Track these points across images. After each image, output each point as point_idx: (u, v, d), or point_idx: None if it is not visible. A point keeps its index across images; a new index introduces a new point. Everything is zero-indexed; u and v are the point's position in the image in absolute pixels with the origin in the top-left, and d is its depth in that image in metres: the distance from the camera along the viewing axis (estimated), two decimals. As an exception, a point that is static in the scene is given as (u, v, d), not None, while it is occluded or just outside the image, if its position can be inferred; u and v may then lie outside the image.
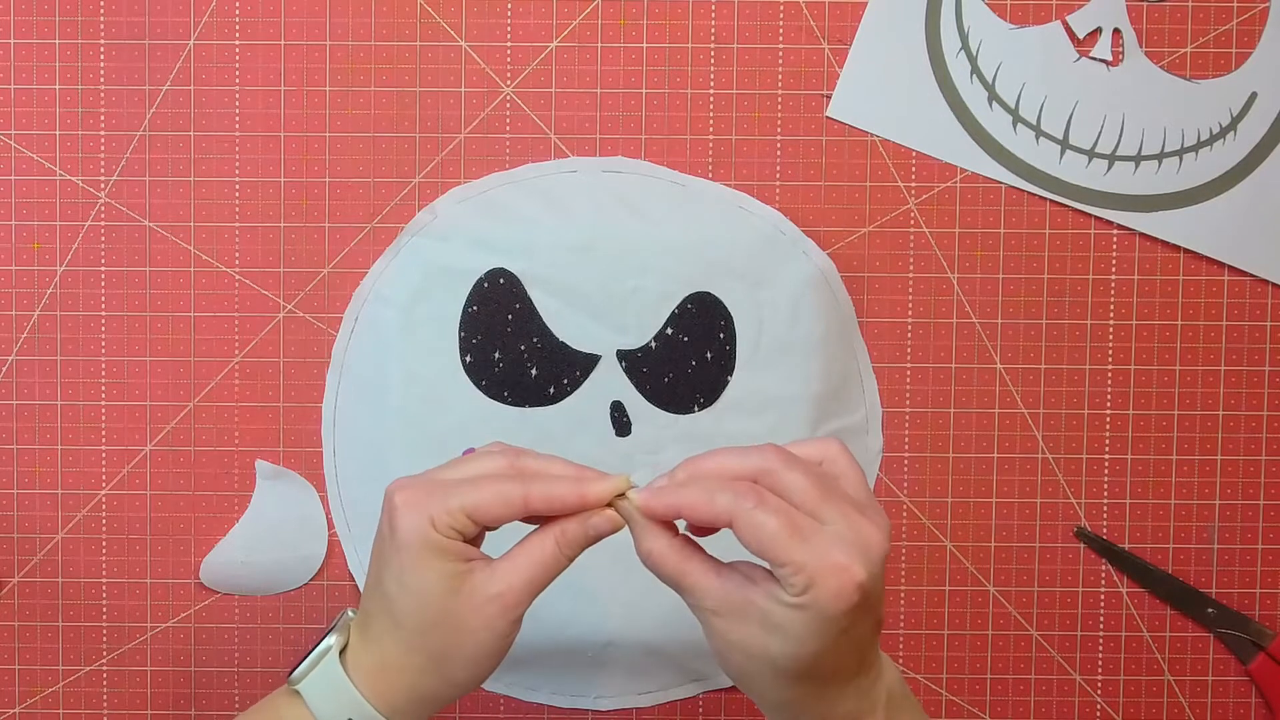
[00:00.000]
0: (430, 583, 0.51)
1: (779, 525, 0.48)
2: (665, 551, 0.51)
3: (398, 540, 0.51)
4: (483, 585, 0.51)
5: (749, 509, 0.48)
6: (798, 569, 0.47)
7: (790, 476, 0.49)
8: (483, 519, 0.51)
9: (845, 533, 0.48)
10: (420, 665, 0.52)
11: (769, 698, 0.52)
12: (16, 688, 0.72)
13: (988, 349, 0.72)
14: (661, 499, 0.51)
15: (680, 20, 0.71)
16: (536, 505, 0.51)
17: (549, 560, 0.52)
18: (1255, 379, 0.72)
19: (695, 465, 0.51)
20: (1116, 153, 0.71)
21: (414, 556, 0.51)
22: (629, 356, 0.70)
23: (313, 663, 0.53)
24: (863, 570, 0.48)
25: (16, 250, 0.71)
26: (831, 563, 0.47)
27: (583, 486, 0.51)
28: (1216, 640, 0.72)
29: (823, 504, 0.49)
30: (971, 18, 0.71)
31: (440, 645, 0.52)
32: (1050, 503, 0.72)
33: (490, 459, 0.53)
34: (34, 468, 0.72)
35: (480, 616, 0.51)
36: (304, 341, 0.72)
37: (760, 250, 0.70)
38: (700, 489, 0.50)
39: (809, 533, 0.48)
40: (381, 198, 0.71)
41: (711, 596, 0.50)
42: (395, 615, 0.52)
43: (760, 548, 0.48)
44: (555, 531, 0.52)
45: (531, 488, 0.51)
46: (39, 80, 0.71)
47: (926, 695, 0.73)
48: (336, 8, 0.71)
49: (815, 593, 0.47)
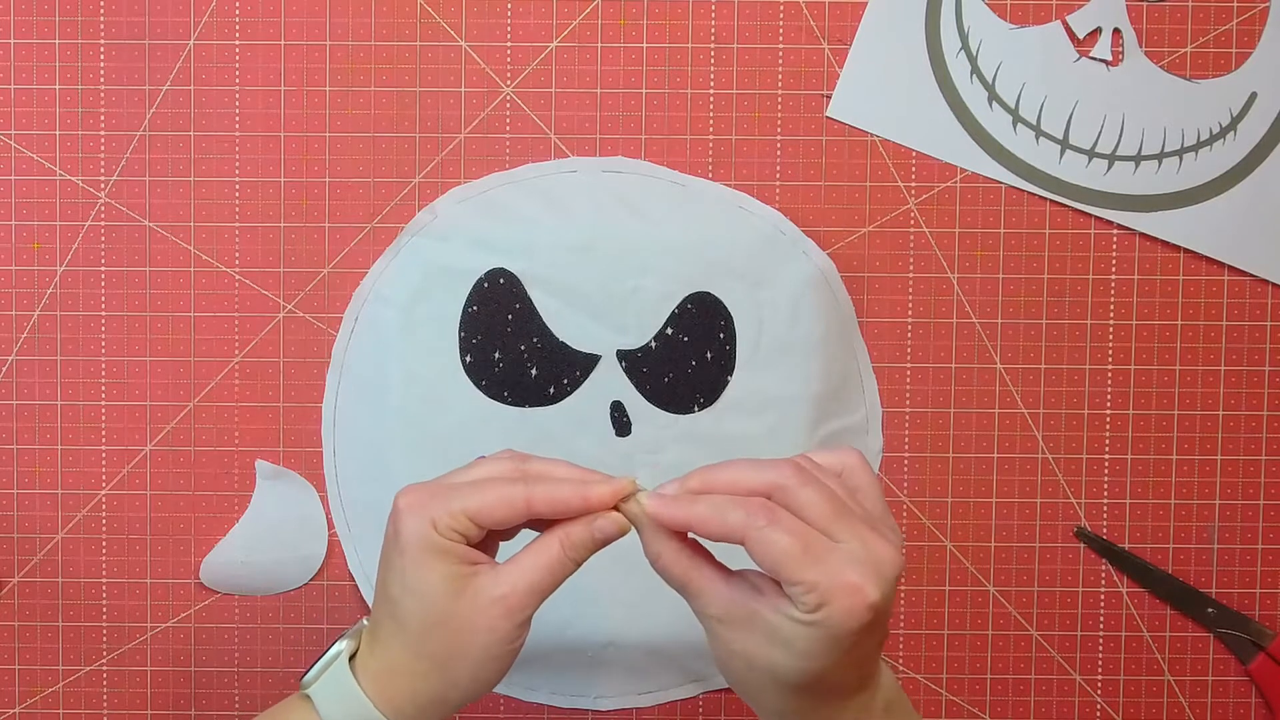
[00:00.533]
0: (432, 584, 0.51)
1: (791, 544, 0.47)
2: (674, 555, 0.51)
3: (401, 543, 0.51)
4: (486, 588, 0.51)
5: (761, 527, 0.48)
6: (810, 588, 0.47)
7: (805, 493, 0.49)
8: (485, 521, 0.51)
9: (859, 552, 0.48)
10: (425, 669, 0.52)
11: (768, 708, 0.52)
12: (16, 688, 0.72)
13: (988, 349, 0.72)
14: (672, 511, 0.50)
15: (680, 20, 0.71)
16: (539, 507, 0.51)
17: (554, 563, 0.52)
18: (1255, 379, 0.72)
19: (709, 475, 0.51)
20: (1116, 153, 0.71)
21: (415, 558, 0.51)
22: (629, 356, 0.70)
23: (323, 667, 0.53)
24: (876, 591, 0.47)
25: (16, 250, 0.71)
26: (844, 583, 0.47)
27: (586, 489, 0.51)
28: (1216, 640, 0.72)
29: (836, 521, 0.48)
30: (971, 18, 0.71)
31: (444, 648, 0.52)
32: (1050, 503, 0.72)
33: (496, 463, 0.53)
34: (34, 468, 0.72)
35: (484, 619, 0.51)
36: (304, 341, 0.72)
37: (760, 250, 0.70)
38: (712, 505, 0.49)
39: (822, 552, 0.48)
40: (381, 198, 0.71)
41: (718, 604, 0.50)
42: (399, 618, 0.52)
43: (773, 566, 0.48)
44: (560, 534, 0.52)
45: (534, 490, 0.51)
46: (39, 80, 0.71)
47: (926, 695, 0.73)
48: (336, 8, 0.71)
49: (827, 612, 0.47)
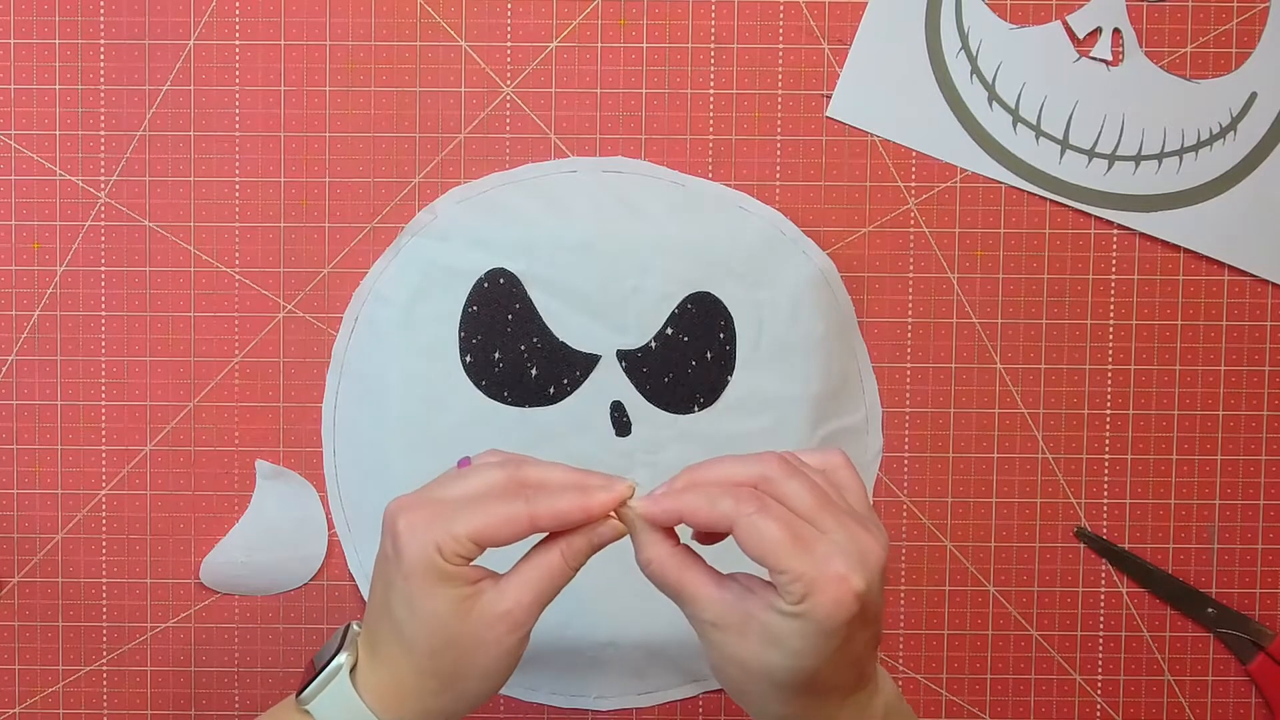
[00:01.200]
0: (440, 609, 0.51)
1: (779, 532, 0.48)
2: (665, 560, 0.51)
3: (405, 568, 0.51)
4: (491, 604, 0.51)
5: (749, 514, 0.48)
6: (796, 577, 0.47)
7: (791, 485, 0.50)
8: (489, 543, 0.51)
9: (844, 542, 0.48)
10: (434, 687, 0.52)
11: (766, 713, 0.52)
12: (16, 688, 0.72)
13: (988, 349, 0.72)
14: (662, 504, 0.51)
15: (680, 20, 0.71)
16: (543, 524, 0.51)
17: (555, 574, 0.52)
18: (1255, 379, 0.72)
19: (696, 473, 0.51)
20: (1116, 153, 0.71)
21: (422, 584, 0.51)
22: (629, 356, 0.70)
23: (323, 682, 0.53)
24: (861, 581, 0.47)
25: (16, 250, 0.71)
26: (831, 572, 0.47)
27: (587, 500, 0.51)
28: (1216, 640, 0.72)
29: (822, 513, 0.49)
30: (971, 18, 0.71)
31: (452, 666, 0.52)
32: (1050, 503, 0.72)
33: (489, 473, 0.53)
34: (34, 468, 0.72)
35: (491, 634, 0.51)
36: (304, 341, 0.72)
37: (760, 250, 0.70)
38: (702, 493, 0.50)
39: (809, 541, 0.48)
40: (381, 198, 0.71)
41: (711, 608, 0.50)
42: (406, 640, 0.52)
43: (760, 554, 0.48)
44: (560, 544, 0.52)
45: (537, 507, 0.51)
46: (39, 80, 0.71)
47: (926, 695, 0.73)
48: (336, 8, 0.71)
49: (813, 601, 0.47)
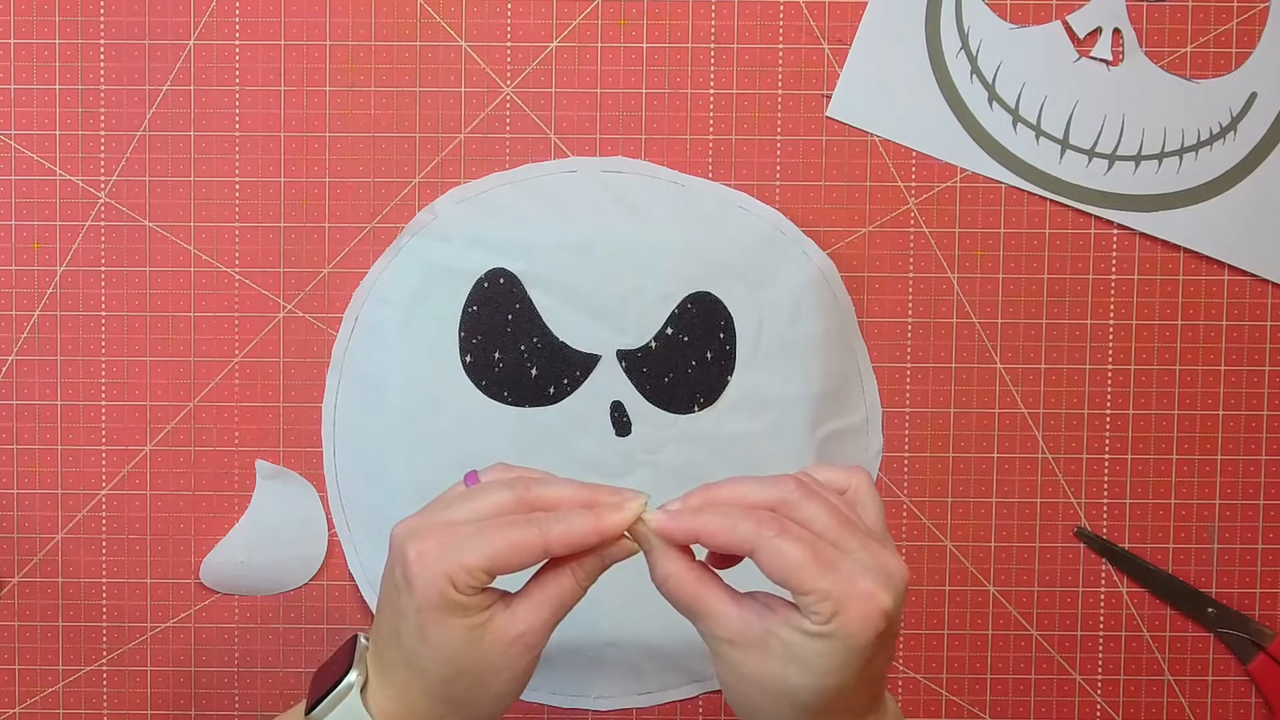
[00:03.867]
0: (453, 638, 0.50)
1: (802, 553, 0.47)
2: (682, 576, 0.50)
3: (416, 600, 0.50)
4: (504, 629, 0.51)
5: (771, 537, 0.48)
6: (823, 596, 0.47)
7: (809, 507, 0.49)
8: (502, 572, 0.50)
9: (868, 561, 0.48)
10: (446, 712, 0.52)
11: None
12: (16, 688, 0.72)
13: (988, 349, 0.72)
14: (680, 523, 0.50)
15: (680, 20, 0.71)
16: (556, 551, 0.51)
17: (567, 595, 0.52)
18: (1255, 379, 0.72)
19: (711, 493, 0.51)
20: (1116, 153, 0.71)
21: (434, 615, 0.50)
22: (629, 356, 0.70)
23: (334, 700, 0.52)
24: (889, 598, 0.47)
25: (16, 250, 0.71)
26: (858, 590, 0.47)
27: (601, 523, 0.51)
28: (1216, 640, 0.72)
29: (843, 533, 0.48)
30: (971, 18, 0.71)
31: (465, 692, 0.51)
32: (1050, 503, 0.72)
33: (498, 493, 0.52)
34: (34, 468, 0.72)
35: (503, 659, 0.51)
36: (304, 341, 0.72)
37: (760, 250, 0.70)
38: (721, 515, 0.49)
39: (833, 560, 0.47)
40: (381, 198, 0.71)
41: (729, 625, 0.49)
42: (417, 667, 0.51)
43: (784, 576, 0.47)
44: (573, 565, 0.52)
45: (550, 534, 0.50)
46: (39, 80, 0.71)
47: (926, 695, 0.73)
48: (336, 8, 0.71)
49: (841, 620, 0.47)
